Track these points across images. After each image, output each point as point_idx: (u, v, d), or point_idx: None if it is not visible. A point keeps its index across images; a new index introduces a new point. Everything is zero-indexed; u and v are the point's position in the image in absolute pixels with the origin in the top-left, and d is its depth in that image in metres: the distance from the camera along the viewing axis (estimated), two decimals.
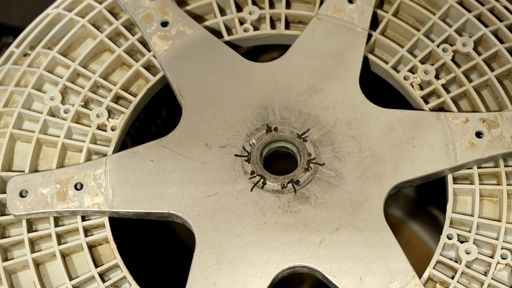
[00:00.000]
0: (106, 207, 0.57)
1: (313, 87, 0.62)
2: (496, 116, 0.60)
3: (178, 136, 0.60)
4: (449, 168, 0.59)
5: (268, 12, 0.68)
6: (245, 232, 0.56)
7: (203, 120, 0.61)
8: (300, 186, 0.58)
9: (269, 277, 0.55)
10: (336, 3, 0.66)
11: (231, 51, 0.64)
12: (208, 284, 0.54)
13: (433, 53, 0.65)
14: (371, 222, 0.56)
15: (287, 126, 0.61)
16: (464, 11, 0.66)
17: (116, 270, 0.58)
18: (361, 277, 0.54)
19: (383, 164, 0.59)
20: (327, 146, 0.60)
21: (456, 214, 0.58)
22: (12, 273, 0.58)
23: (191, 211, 0.57)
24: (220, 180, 0.58)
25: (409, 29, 0.66)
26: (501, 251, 0.56)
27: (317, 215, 0.57)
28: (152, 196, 0.58)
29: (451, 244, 0.57)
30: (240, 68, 0.63)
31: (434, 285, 0.57)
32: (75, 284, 0.56)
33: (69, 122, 0.62)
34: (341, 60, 0.63)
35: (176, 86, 0.63)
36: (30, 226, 0.59)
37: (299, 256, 0.55)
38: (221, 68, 0.63)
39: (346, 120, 0.61)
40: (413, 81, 0.64)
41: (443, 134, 0.60)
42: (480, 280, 0.56)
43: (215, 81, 0.63)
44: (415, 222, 0.93)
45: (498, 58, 0.65)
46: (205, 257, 0.55)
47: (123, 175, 0.58)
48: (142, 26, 0.65)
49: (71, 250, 0.58)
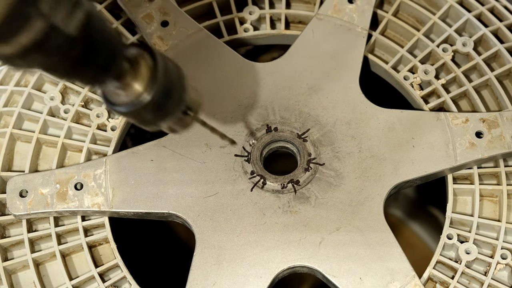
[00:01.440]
0: (106, 207, 0.57)
1: (313, 87, 0.62)
2: (496, 116, 0.60)
3: (178, 136, 0.60)
4: (449, 168, 0.59)
5: (268, 12, 0.68)
6: (245, 232, 0.56)
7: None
8: (300, 186, 0.58)
9: (269, 277, 0.55)
10: (336, 3, 0.66)
11: (231, 51, 0.64)
12: (208, 284, 0.54)
13: (433, 53, 0.65)
14: (371, 222, 0.56)
15: (287, 126, 0.61)
16: (464, 11, 0.66)
17: (116, 270, 0.58)
18: (361, 277, 0.54)
19: (383, 164, 0.59)
20: (327, 146, 0.60)
21: (456, 214, 0.58)
22: (12, 273, 0.58)
23: (191, 211, 0.57)
24: (220, 180, 0.58)
25: (409, 29, 0.66)
26: (501, 251, 0.56)
27: (317, 215, 0.57)
28: (152, 196, 0.58)
29: (451, 244, 0.57)
30: (240, 68, 0.63)
31: (434, 285, 0.57)
32: (75, 284, 0.56)
33: (69, 122, 0.62)
34: (341, 60, 0.63)
35: None
36: (30, 226, 0.59)
37: (299, 256, 0.55)
38: (221, 68, 0.63)
39: (346, 120, 0.61)
40: (413, 81, 0.64)
41: (443, 134, 0.60)
42: (480, 280, 0.56)
43: (215, 81, 0.63)
44: (415, 222, 0.93)
45: (498, 58, 0.65)
46: (205, 257, 0.55)
47: (123, 175, 0.58)
48: (142, 26, 0.65)
49: (71, 250, 0.58)
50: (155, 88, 0.41)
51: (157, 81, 0.41)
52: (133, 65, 0.41)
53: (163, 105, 0.43)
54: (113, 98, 0.42)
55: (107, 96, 0.42)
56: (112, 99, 0.42)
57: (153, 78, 0.41)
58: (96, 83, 0.40)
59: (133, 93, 0.41)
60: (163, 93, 0.42)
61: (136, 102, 0.41)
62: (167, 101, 0.43)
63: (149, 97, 0.41)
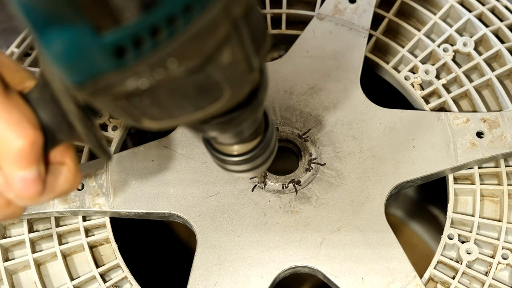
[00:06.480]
0: (107, 207, 0.57)
1: (314, 87, 0.62)
2: (497, 116, 0.60)
3: (179, 136, 0.60)
4: (450, 168, 0.59)
5: (269, 12, 0.68)
6: (246, 232, 0.56)
7: None
8: (301, 186, 0.58)
9: (270, 277, 0.55)
10: (337, 3, 0.66)
11: None
12: (209, 284, 0.54)
13: (434, 53, 0.65)
14: (372, 222, 0.56)
15: (288, 127, 0.61)
16: (464, 11, 0.66)
17: (117, 270, 0.58)
18: (362, 277, 0.54)
19: (384, 164, 0.59)
20: (328, 146, 0.60)
21: (457, 214, 0.58)
22: (13, 273, 0.58)
23: (192, 211, 0.57)
24: (221, 180, 0.58)
25: (409, 29, 0.66)
26: (502, 251, 0.56)
27: (318, 215, 0.57)
28: (153, 196, 0.58)
29: (452, 244, 0.57)
30: None
31: (435, 285, 0.57)
32: (76, 284, 0.56)
33: None
34: (342, 60, 0.63)
35: None
36: (31, 226, 0.59)
37: (300, 256, 0.55)
38: None
39: (347, 120, 0.61)
40: (414, 81, 0.64)
41: (444, 134, 0.60)
42: (481, 280, 0.56)
43: None
44: (416, 222, 0.93)
45: (499, 58, 0.65)
46: (206, 257, 0.55)
47: (124, 175, 0.58)
48: None
49: (72, 250, 0.58)
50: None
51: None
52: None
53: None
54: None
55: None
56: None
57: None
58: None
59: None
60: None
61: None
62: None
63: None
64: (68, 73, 0.28)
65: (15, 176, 0.36)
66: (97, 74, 0.27)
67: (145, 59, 0.27)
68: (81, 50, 0.27)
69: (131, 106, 0.30)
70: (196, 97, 0.30)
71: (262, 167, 0.45)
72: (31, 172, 0.36)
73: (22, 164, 0.35)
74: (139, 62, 0.27)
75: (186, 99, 0.30)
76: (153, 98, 0.29)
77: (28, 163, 0.35)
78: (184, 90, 0.29)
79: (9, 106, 0.35)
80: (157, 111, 0.31)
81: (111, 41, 0.26)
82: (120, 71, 0.27)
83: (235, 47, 0.29)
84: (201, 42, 0.27)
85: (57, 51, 0.27)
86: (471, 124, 0.60)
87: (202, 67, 0.28)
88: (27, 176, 0.36)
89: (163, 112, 0.31)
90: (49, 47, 0.27)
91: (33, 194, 0.36)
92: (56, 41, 0.27)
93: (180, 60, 0.27)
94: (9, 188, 0.36)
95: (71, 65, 0.27)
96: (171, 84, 0.29)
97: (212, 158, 0.44)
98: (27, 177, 0.36)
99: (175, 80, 0.28)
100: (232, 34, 0.28)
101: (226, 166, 0.44)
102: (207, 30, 0.27)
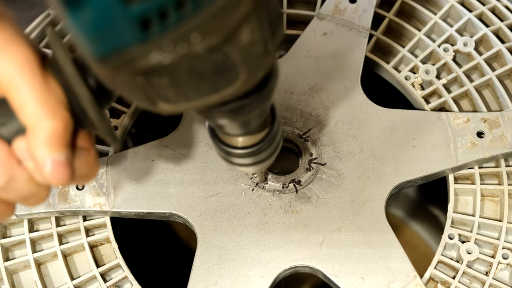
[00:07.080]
0: (107, 207, 0.57)
1: (314, 87, 0.62)
2: (497, 116, 0.60)
3: (180, 136, 0.60)
4: (450, 168, 0.59)
5: None
6: (246, 232, 0.56)
7: None
8: (301, 186, 0.58)
9: (270, 277, 0.55)
10: (338, 3, 0.66)
11: None
12: (210, 284, 0.54)
13: (434, 53, 0.65)
14: (373, 222, 0.56)
15: (289, 126, 0.61)
16: (465, 11, 0.66)
17: (118, 270, 0.58)
18: (363, 277, 0.54)
19: (385, 164, 0.59)
20: (328, 146, 0.60)
21: (457, 214, 0.58)
22: (13, 273, 0.58)
23: (193, 211, 0.57)
24: (221, 180, 0.58)
25: (410, 29, 0.66)
26: (502, 251, 0.56)
27: (318, 215, 0.57)
28: (153, 196, 0.58)
29: (452, 244, 0.57)
30: None
31: (435, 285, 0.57)
32: (77, 284, 0.56)
33: None
34: (342, 60, 0.63)
35: None
36: (31, 226, 0.59)
37: (301, 256, 0.55)
38: None
39: (348, 120, 0.61)
40: (414, 81, 0.64)
41: (444, 134, 0.60)
42: (481, 280, 0.56)
43: None
44: (416, 222, 0.93)
45: (499, 58, 0.65)
46: (206, 257, 0.55)
47: (125, 175, 0.58)
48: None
49: (72, 250, 0.58)
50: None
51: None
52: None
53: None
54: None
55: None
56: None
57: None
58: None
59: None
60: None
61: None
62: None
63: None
64: (95, 45, 0.28)
65: (48, 158, 0.35)
66: (122, 47, 0.28)
67: (169, 32, 0.27)
68: (109, 20, 0.27)
69: (149, 85, 0.30)
70: (213, 78, 0.31)
71: (266, 162, 0.45)
72: (63, 155, 0.36)
73: (55, 147, 0.35)
74: (163, 35, 0.27)
75: (203, 80, 0.31)
76: (171, 77, 0.30)
77: (60, 146, 0.35)
78: (202, 70, 0.30)
79: (47, 87, 0.35)
80: (173, 93, 0.31)
81: (138, 12, 0.27)
82: (144, 44, 0.28)
83: (254, 27, 0.30)
84: (223, 18, 0.28)
85: (86, 21, 0.27)
86: (471, 124, 0.60)
87: (222, 45, 0.29)
88: (59, 159, 0.35)
89: (179, 94, 0.31)
90: (77, 18, 0.27)
91: (64, 178, 0.36)
92: (85, 11, 0.27)
93: (203, 35, 0.28)
94: (39, 173, 0.36)
95: (98, 36, 0.28)
96: (191, 62, 0.29)
97: (217, 151, 0.44)
98: (59, 160, 0.35)
99: (195, 58, 0.29)
100: (252, 13, 0.29)
101: (230, 159, 0.44)
102: (230, 6, 0.28)
